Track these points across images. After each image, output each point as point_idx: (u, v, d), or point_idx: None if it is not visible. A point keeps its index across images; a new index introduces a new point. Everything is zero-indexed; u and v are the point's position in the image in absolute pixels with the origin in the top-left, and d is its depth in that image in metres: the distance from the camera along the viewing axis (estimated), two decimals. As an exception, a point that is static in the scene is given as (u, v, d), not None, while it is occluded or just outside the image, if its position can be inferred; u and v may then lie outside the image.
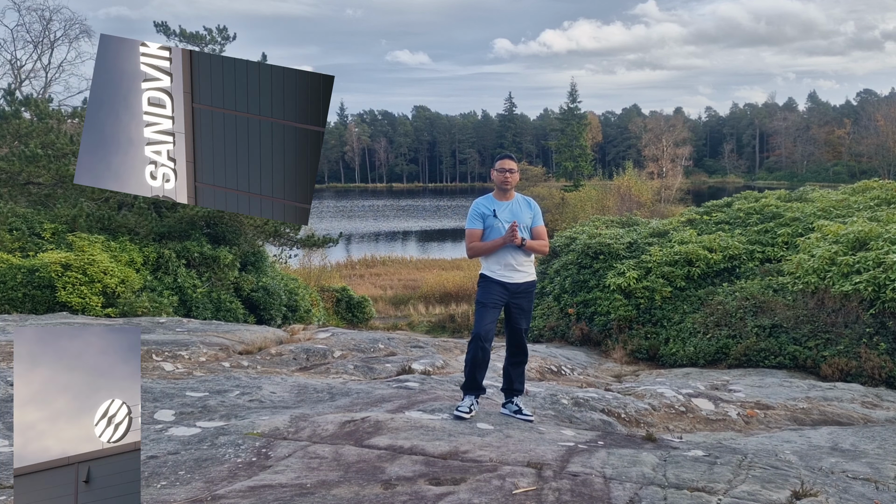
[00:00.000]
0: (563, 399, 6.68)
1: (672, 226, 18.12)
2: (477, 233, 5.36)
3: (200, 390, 6.29)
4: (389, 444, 4.65)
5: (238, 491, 3.83)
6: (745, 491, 4.07)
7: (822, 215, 16.36)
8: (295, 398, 6.34)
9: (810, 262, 13.21)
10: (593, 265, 16.54)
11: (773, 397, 8.39)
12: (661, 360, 13.86)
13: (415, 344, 11.07)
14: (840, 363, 11.37)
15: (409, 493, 3.82)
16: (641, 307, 15.13)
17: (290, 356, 9.22)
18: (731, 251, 15.33)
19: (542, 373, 10.07)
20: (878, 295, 11.71)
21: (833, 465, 5.16)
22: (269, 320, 18.12)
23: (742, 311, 13.24)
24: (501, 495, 3.81)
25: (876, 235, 13.00)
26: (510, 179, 5.37)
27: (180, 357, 8.41)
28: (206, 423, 5.15)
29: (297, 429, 4.99)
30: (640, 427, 6.39)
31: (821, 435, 6.51)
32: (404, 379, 7.45)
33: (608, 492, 3.95)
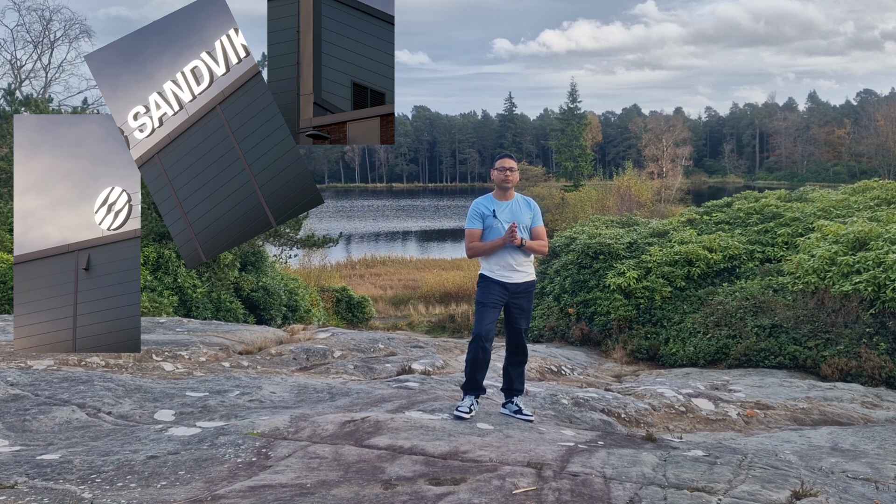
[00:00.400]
0: (563, 399, 6.68)
1: (672, 226, 18.11)
2: (476, 233, 5.36)
3: (200, 390, 6.29)
4: (389, 444, 4.65)
5: (238, 491, 3.83)
6: (745, 491, 4.07)
7: (822, 215, 16.36)
8: (295, 398, 6.34)
9: (810, 262, 13.21)
10: (593, 265, 16.54)
11: (773, 397, 8.39)
12: (661, 360, 13.86)
13: (415, 344, 11.07)
14: (840, 363, 11.37)
15: (409, 493, 3.82)
16: (641, 307, 15.12)
17: (290, 356, 9.22)
18: (731, 251, 15.33)
19: (542, 373, 10.07)
20: (878, 295, 11.71)
21: (833, 465, 5.16)
22: (269, 320, 18.12)
23: (742, 311, 13.24)
24: (501, 495, 3.81)
25: (876, 235, 13.00)
26: (510, 179, 5.37)
27: (180, 357, 8.41)
28: (206, 423, 5.14)
29: (297, 429, 4.99)
30: (640, 427, 6.39)
31: (821, 435, 6.51)
32: (404, 379, 7.45)
33: (608, 492, 3.95)
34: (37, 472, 3.99)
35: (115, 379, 6.41)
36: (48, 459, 4.20)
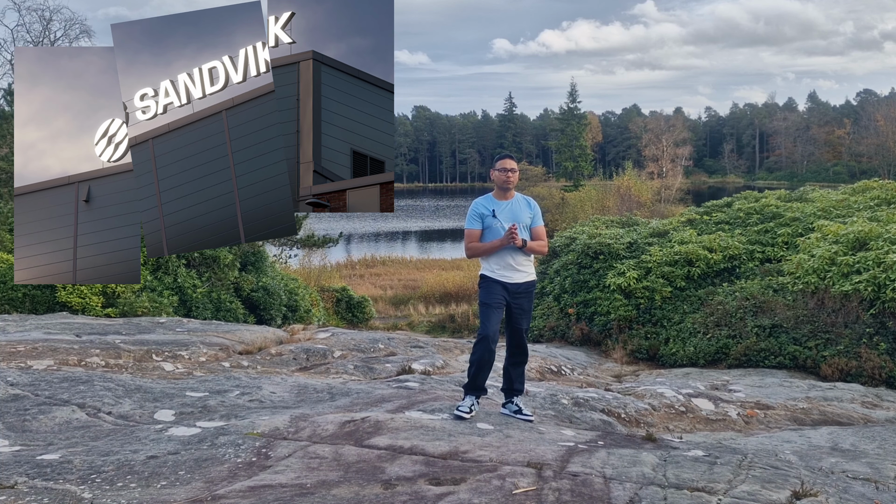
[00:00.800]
0: (563, 399, 6.68)
1: (672, 226, 18.12)
2: (476, 233, 5.35)
3: (200, 390, 6.29)
4: (389, 444, 4.65)
5: (238, 491, 3.83)
6: (745, 491, 4.07)
7: (822, 215, 16.37)
8: (295, 398, 6.34)
9: (810, 262, 13.21)
10: (593, 265, 16.54)
11: (773, 397, 8.39)
12: (661, 360, 13.86)
13: (415, 344, 11.07)
14: (840, 363, 11.37)
15: (409, 493, 3.82)
16: (641, 307, 15.12)
17: (290, 356, 9.22)
18: (731, 251, 15.33)
19: (542, 373, 10.07)
20: (878, 295, 11.71)
21: (833, 465, 5.16)
22: (269, 320, 18.12)
23: (742, 311, 13.24)
24: (501, 495, 3.81)
25: (876, 235, 13.00)
26: (510, 179, 5.36)
27: (180, 357, 8.41)
28: (206, 423, 5.14)
29: (297, 429, 4.99)
30: (640, 427, 6.39)
31: (821, 435, 6.51)
32: (404, 379, 7.45)
33: (608, 492, 3.95)
34: (37, 472, 3.99)
35: (115, 379, 6.41)
36: (48, 459, 4.20)
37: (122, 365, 7.66)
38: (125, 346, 8.39)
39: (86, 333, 9.18)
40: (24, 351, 7.58)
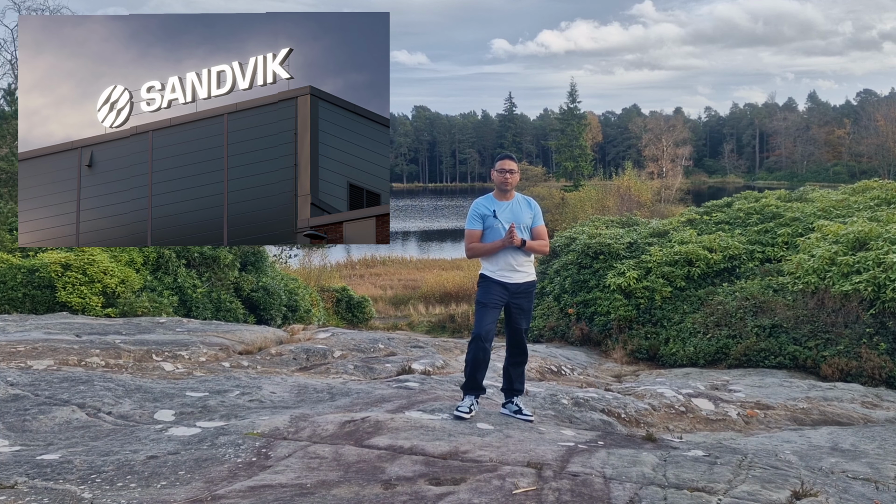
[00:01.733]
0: (563, 399, 6.69)
1: (672, 226, 18.12)
2: (476, 233, 5.35)
3: (200, 390, 6.29)
4: (389, 444, 4.65)
5: (238, 491, 3.83)
6: (745, 491, 4.07)
7: (822, 215, 16.37)
8: (295, 398, 6.34)
9: (810, 262, 13.21)
10: (593, 265, 16.54)
11: (773, 397, 8.39)
12: (661, 360, 13.86)
13: (415, 344, 11.07)
14: (840, 363, 11.37)
15: (409, 493, 3.82)
16: (641, 307, 15.12)
17: (290, 356, 9.21)
18: (731, 251, 15.33)
19: (542, 373, 10.07)
20: (878, 295, 11.71)
21: (833, 465, 5.16)
22: (269, 320, 18.11)
23: (742, 311, 13.24)
24: (501, 495, 3.81)
25: (876, 235, 13.00)
26: (510, 180, 5.36)
27: (180, 357, 8.41)
28: (206, 423, 5.15)
29: (297, 429, 4.99)
30: (640, 427, 6.39)
31: (821, 435, 6.51)
32: (404, 379, 7.45)
33: (608, 492, 3.95)
34: (37, 472, 3.99)
35: (115, 379, 6.41)
36: (48, 459, 4.20)
37: (122, 365, 7.66)
38: (125, 346, 8.39)
39: (86, 333, 9.18)
40: (24, 351, 7.58)
